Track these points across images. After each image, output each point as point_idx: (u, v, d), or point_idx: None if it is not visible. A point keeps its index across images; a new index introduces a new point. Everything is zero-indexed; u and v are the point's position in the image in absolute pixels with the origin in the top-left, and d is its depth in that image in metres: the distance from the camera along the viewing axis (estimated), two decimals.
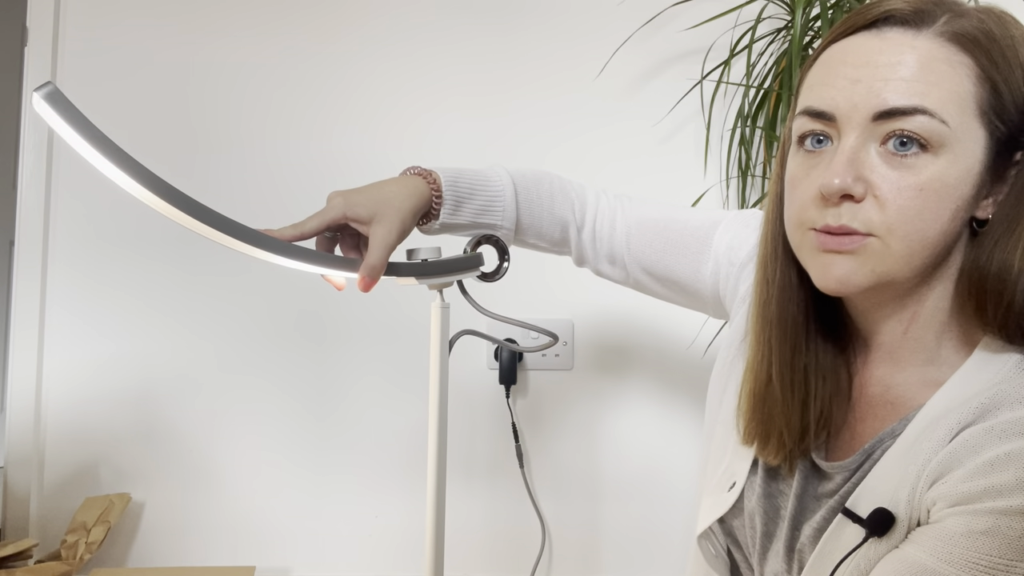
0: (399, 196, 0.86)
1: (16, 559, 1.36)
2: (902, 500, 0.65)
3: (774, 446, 0.74)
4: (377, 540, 1.57)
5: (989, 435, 0.62)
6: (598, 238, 0.99)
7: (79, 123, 0.66)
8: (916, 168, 0.61)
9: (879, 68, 0.62)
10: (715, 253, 0.90)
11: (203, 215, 0.75)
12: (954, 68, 0.61)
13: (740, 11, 1.48)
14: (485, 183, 0.93)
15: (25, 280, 1.51)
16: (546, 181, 0.98)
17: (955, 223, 0.64)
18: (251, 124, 1.56)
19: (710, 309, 0.96)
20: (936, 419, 0.65)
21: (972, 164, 0.62)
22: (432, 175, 0.90)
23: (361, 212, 0.85)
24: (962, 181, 0.62)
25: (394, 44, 1.59)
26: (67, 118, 0.65)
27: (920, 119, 0.61)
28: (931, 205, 0.62)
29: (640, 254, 0.96)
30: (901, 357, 0.71)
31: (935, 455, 0.64)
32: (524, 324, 0.98)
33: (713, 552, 0.82)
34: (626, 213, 0.98)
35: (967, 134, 0.61)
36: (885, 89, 0.62)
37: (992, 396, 0.63)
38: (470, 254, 0.93)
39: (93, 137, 0.67)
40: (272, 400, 1.56)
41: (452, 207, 0.91)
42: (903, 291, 0.69)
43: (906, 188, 0.62)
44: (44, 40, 1.52)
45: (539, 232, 0.98)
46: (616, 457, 1.59)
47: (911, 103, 0.61)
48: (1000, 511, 0.59)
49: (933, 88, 0.61)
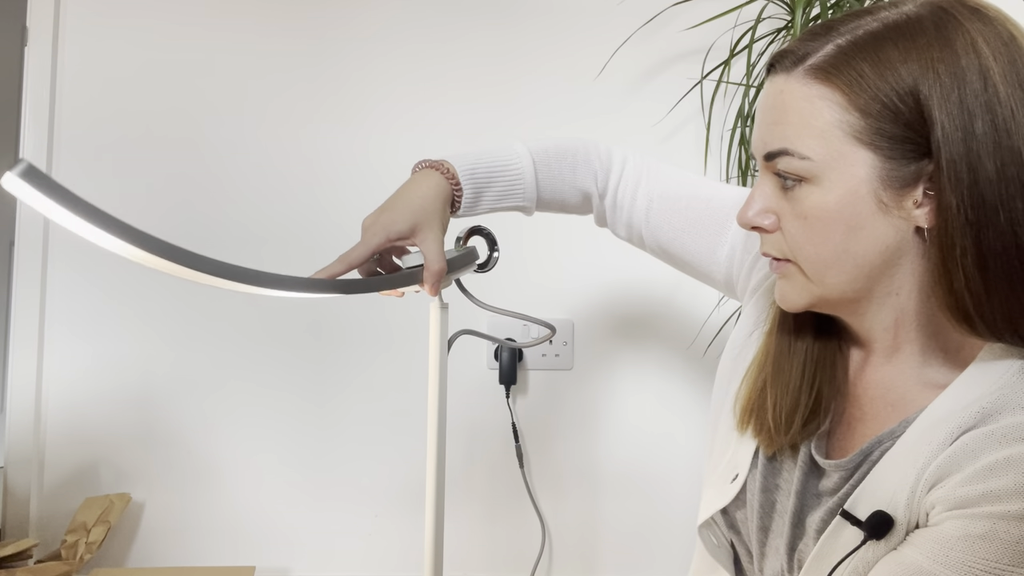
0: (428, 198, 0.85)
1: (16, 559, 1.36)
2: (901, 503, 0.65)
3: (766, 432, 0.75)
4: (377, 540, 1.57)
5: (989, 440, 0.62)
6: (618, 206, 0.97)
7: (63, 195, 0.58)
8: (799, 199, 0.66)
9: (763, 114, 0.68)
10: (732, 238, 0.89)
11: (239, 275, 0.69)
12: (813, 104, 0.64)
13: (740, 11, 1.48)
14: (504, 167, 0.91)
15: (25, 280, 1.51)
16: (570, 155, 0.95)
17: (861, 241, 0.65)
18: (252, 122, 1.56)
19: (720, 287, 0.95)
20: (936, 423, 0.65)
21: (855, 186, 0.63)
22: (446, 167, 0.88)
23: (403, 229, 0.84)
24: (846, 203, 0.64)
25: (394, 44, 1.59)
26: (49, 192, 0.58)
27: (785, 159, 0.66)
28: (817, 230, 0.66)
29: (658, 230, 0.94)
30: (899, 360, 0.71)
31: (934, 459, 0.64)
32: (522, 316, 0.98)
33: (715, 542, 0.82)
34: (650, 184, 0.95)
35: (841, 160, 0.63)
36: (765, 134, 0.68)
37: (993, 401, 0.63)
38: (464, 249, 0.93)
39: (83, 209, 0.60)
40: (272, 400, 1.56)
41: (472, 199, 0.90)
42: (863, 304, 0.69)
43: (794, 218, 0.67)
44: (44, 40, 1.52)
45: (562, 203, 0.97)
46: (616, 457, 1.59)
47: (776, 146, 0.66)
48: (998, 516, 0.60)
49: (794, 128, 0.65)
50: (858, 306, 0.70)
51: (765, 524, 0.77)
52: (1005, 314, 0.62)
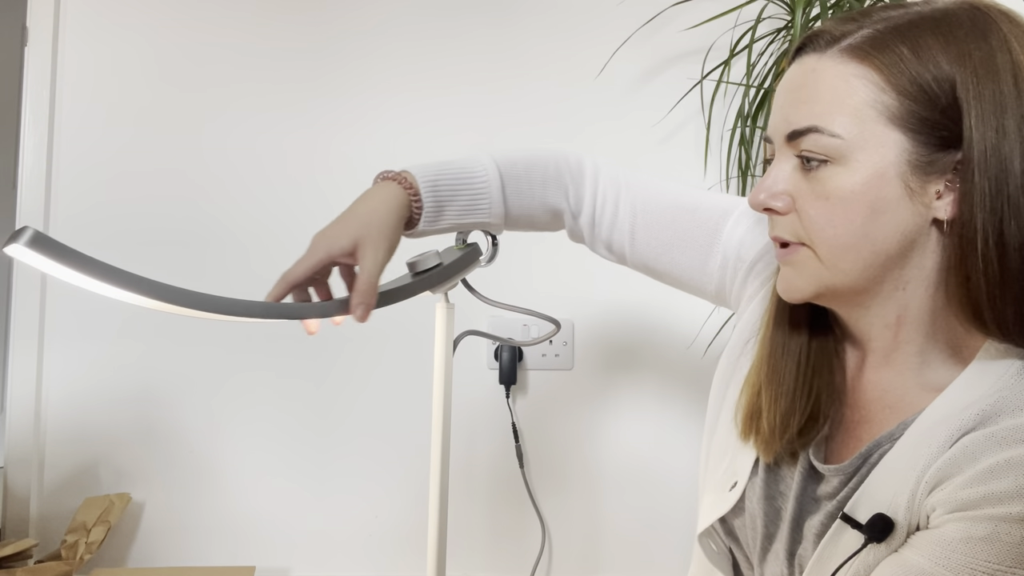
0: (378, 212, 0.81)
1: (16, 559, 1.36)
2: (901, 506, 0.65)
3: (764, 437, 0.75)
4: (377, 540, 1.57)
5: (989, 442, 0.62)
6: (597, 224, 0.93)
7: (73, 257, 0.62)
8: (822, 179, 0.66)
9: (790, 94, 0.68)
10: (724, 247, 0.87)
11: (240, 308, 0.73)
12: (848, 82, 0.64)
13: (740, 11, 1.48)
14: (468, 179, 0.86)
15: (25, 280, 1.51)
16: (539, 166, 0.91)
17: (882, 226, 0.65)
18: (251, 123, 1.56)
19: (710, 298, 0.93)
20: (935, 425, 0.65)
21: (883, 168, 0.63)
22: (407, 179, 0.83)
23: (345, 243, 0.79)
24: (871, 186, 0.64)
25: (392, 43, 1.59)
26: (57, 256, 0.61)
27: (813, 137, 0.65)
28: (839, 211, 0.65)
29: (644, 247, 0.91)
30: (897, 361, 0.71)
31: (935, 461, 0.64)
32: (527, 311, 0.98)
33: (715, 549, 0.82)
34: (632, 197, 0.91)
35: (871, 141, 0.63)
36: (791, 114, 0.67)
37: (993, 403, 0.63)
38: (466, 247, 0.92)
39: (94, 267, 0.64)
40: (273, 400, 1.56)
41: (433, 212, 0.84)
42: (869, 297, 0.69)
43: (814, 199, 0.66)
44: (44, 40, 1.52)
45: (530, 221, 0.92)
46: (616, 457, 1.59)
47: (804, 124, 0.66)
48: (999, 518, 0.60)
49: (826, 106, 0.65)
50: (863, 299, 0.69)
51: (770, 532, 0.77)
52: (1017, 310, 0.62)
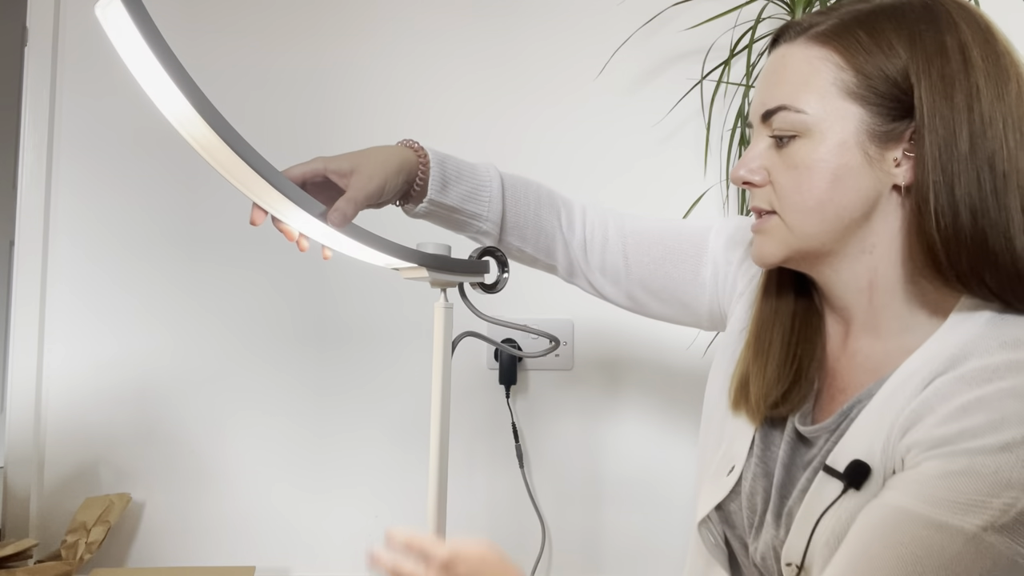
0: (383, 153, 0.87)
1: (16, 559, 1.36)
2: (877, 451, 0.68)
3: (752, 404, 0.79)
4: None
5: (959, 383, 0.65)
6: (589, 249, 1.00)
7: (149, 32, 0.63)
8: (791, 152, 0.73)
9: (764, 79, 0.76)
10: (712, 254, 0.94)
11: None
12: (812, 64, 0.72)
13: (740, 11, 1.48)
14: (472, 171, 0.94)
15: (25, 280, 1.51)
16: (533, 187, 0.99)
17: (844, 192, 0.71)
18: (251, 124, 1.56)
19: (704, 319, 0.98)
20: (910, 376, 0.69)
21: (844, 138, 0.70)
22: (421, 149, 0.91)
23: (343, 164, 0.85)
24: (833, 154, 0.71)
25: (392, 44, 1.59)
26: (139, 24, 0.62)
27: (782, 114, 0.73)
28: (805, 178, 0.72)
29: (638, 264, 0.97)
30: (879, 328, 0.75)
31: (908, 405, 0.67)
32: (524, 328, 0.98)
33: (712, 540, 0.83)
34: (621, 225, 0.99)
35: (832, 115, 0.71)
36: (765, 96, 0.75)
37: (962, 347, 0.67)
38: (475, 259, 0.94)
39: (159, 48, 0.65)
40: (272, 400, 1.56)
41: (438, 184, 0.90)
42: (837, 260, 0.75)
43: (785, 169, 0.74)
44: (44, 40, 1.52)
45: (523, 235, 0.98)
46: (616, 457, 1.59)
47: (775, 103, 0.73)
48: (975, 451, 0.62)
49: (793, 86, 0.72)
50: (831, 260, 0.75)
51: (764, 505, 0.78)
52: (971, 261, 0.67)
